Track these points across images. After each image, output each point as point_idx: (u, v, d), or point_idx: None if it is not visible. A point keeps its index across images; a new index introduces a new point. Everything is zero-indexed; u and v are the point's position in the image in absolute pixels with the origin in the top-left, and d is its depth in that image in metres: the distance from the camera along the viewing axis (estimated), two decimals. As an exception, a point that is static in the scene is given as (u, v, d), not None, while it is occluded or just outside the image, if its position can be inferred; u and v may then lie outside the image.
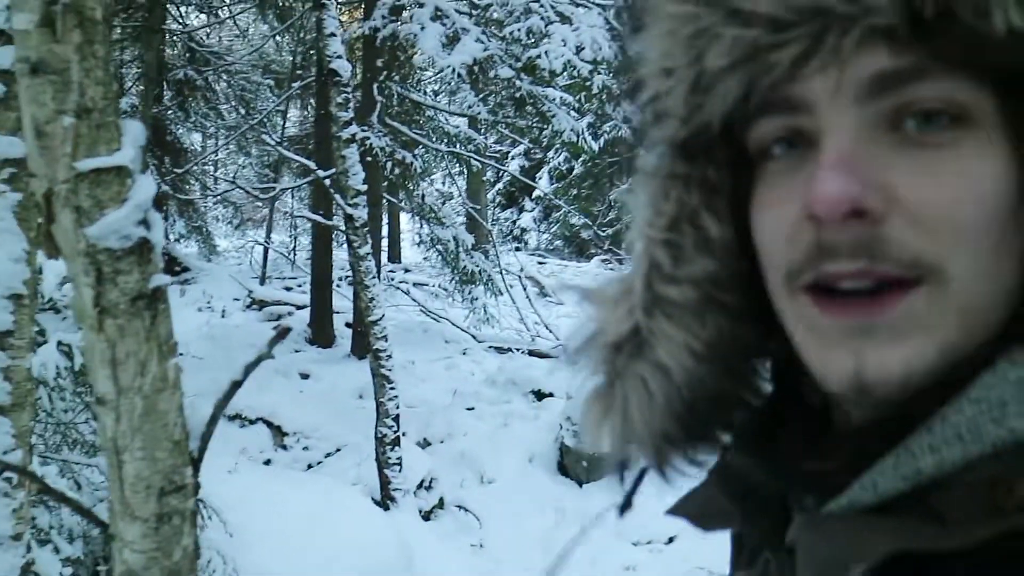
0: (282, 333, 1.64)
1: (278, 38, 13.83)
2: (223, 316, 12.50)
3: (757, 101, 0.59)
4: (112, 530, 1.61)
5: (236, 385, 1.67)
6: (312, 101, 14.31)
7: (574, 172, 20.05)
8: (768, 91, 0.58)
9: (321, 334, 10.45)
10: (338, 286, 11.99)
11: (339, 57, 5.32)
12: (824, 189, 0.53)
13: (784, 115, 0.59)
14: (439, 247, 9.70)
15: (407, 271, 15.96)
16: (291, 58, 13.94)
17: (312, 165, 5.86)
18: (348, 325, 10.81)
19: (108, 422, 1.55)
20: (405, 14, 8.13)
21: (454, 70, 7.46)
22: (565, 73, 7.67)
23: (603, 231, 20.69)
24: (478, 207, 14.33)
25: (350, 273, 13.91)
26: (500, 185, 25.65)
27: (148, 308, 1.53)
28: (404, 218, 17.98)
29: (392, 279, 14.04)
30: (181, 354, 6.96)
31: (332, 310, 10.72)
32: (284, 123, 14.17)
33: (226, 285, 13.61)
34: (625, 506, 0.79)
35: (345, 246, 14.35)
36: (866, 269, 0.55)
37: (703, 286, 0.68)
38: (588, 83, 7.75)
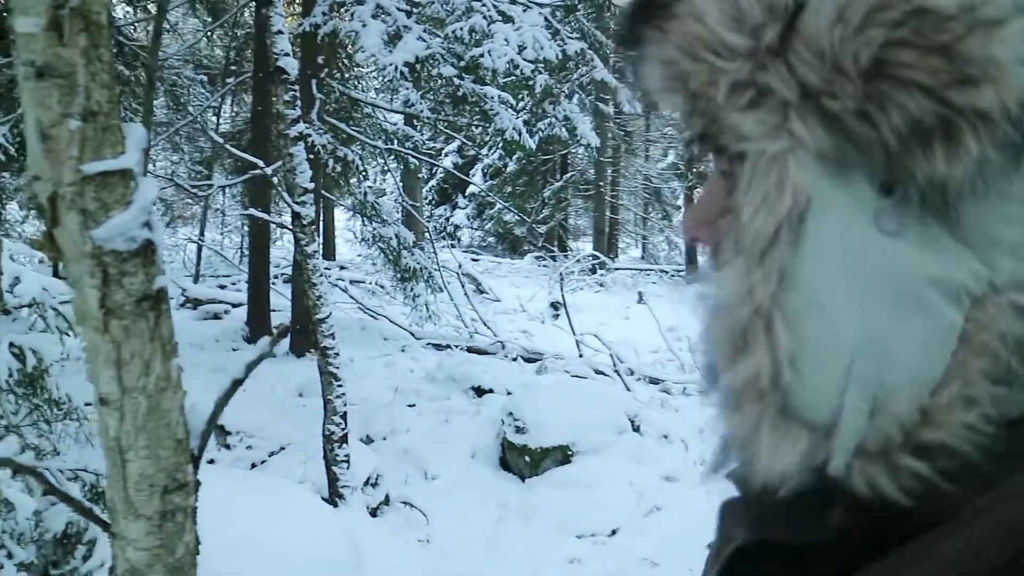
0: (283, 332, 1.67)
1: (210, 33, 13.63)
2: (156, 315, 12.27)
3: None
4: (114, 529, 1.63)
5: (237, 383, 1.70)
6: (244, 97, 14.18)
7: (508, 169, 20.16)
8: None
9: (258, 332, 10.36)
10: (273, 283, 11.91)
11: (286, 55, 5.30)
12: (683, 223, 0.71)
13: None
14: (381, 245, 9.68)
15: (342, 268, 15.88)
16: (223, 53, 13.76)
17: (261, 163, 5.81)
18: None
19: (111, 422, 1.57)
20: (345, 11, 8.11)
21: (396, 68, 7.47)
22: (507, 72, 7.73)
23: (537, 228, 20.85)
24: (414, 204, 14.32)
25: (285, 271, 13.86)
26: (433, 182, 25.66)
27: (152, 309, 1.55)
28: (339, 215, 17.88)
29: (328, 276, 13.98)
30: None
31: (270, 308, 10.64)
32: (219, 119, 13.98)
33: (158, 283, 13.36)
34: None
35: (278, 244, 14.12)
36: None
37: None
38: (531, 82, 7.84)
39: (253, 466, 6.97)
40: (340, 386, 5.86)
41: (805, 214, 0.56)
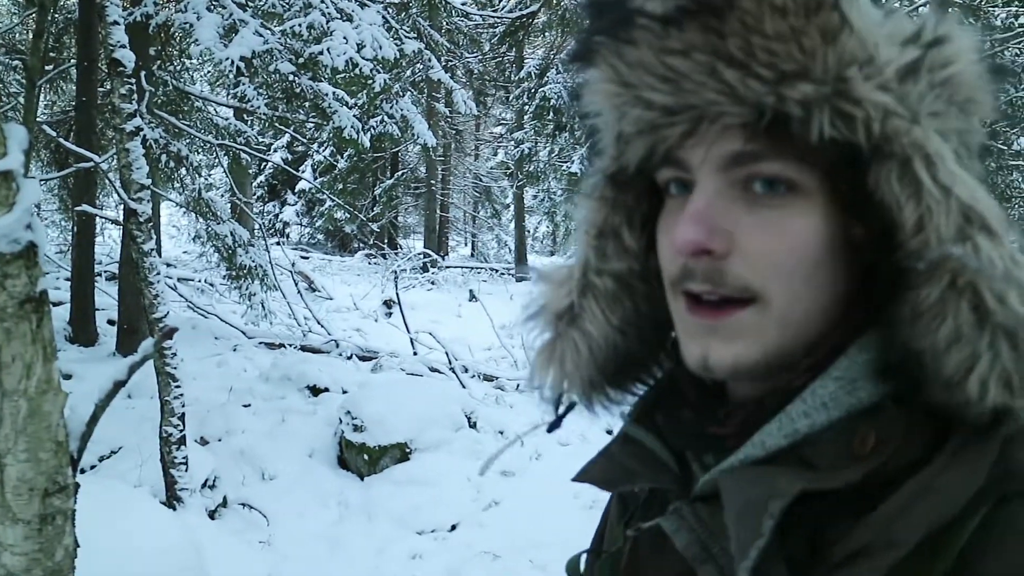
0: (168, 333, 1.68)
1: (18, 17, 12.92)
2: (-35, 314, 11.57)
3: (657, 158, 0.80)
4: (-11, 534, 1.60)
5: (119, 385, 1.70)
6: (63, 85, 13.53)
7: (339, 166, 19.99)
8: (663, 152, 0.79)
9: (83, 332, 9.93)
10: (95, 281, 11.42)
11: (123, 46, 5.14)
12: (680, 235, 0.75)
13: (674, 168, 0.80)
14: (216, 242, 9.44)
15: (169, 265, 15.37)
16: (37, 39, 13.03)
17: (95, 157, 5.59)
18: (111, 322, 10.34)
19: (-11, 426, 1.55)
20: (179, 2, 7.90)
21: (232, 62, 7.32)
22: (346, 70, 7.70)
23: (368, 225, 20.74)
24: (244, 200, 14.01)
25: (108, 268, 13.28)
26: (262, 177, 25.14)
27: (35, 311, 1.54)
28: (162, 210, 17.27)
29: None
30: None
31: (95, 307, 10.20)
32: (37, 109, 13.26)
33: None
34: (555, 425, 1.01)
35: (98, 239, 13.48)
36: (711, 290, 0.76)
37: (620, 278, 0.91)
38: (370, 81, 7.83)
39: (83, 471, 6.70)
40: (178, 387, 5.72)
41: None
